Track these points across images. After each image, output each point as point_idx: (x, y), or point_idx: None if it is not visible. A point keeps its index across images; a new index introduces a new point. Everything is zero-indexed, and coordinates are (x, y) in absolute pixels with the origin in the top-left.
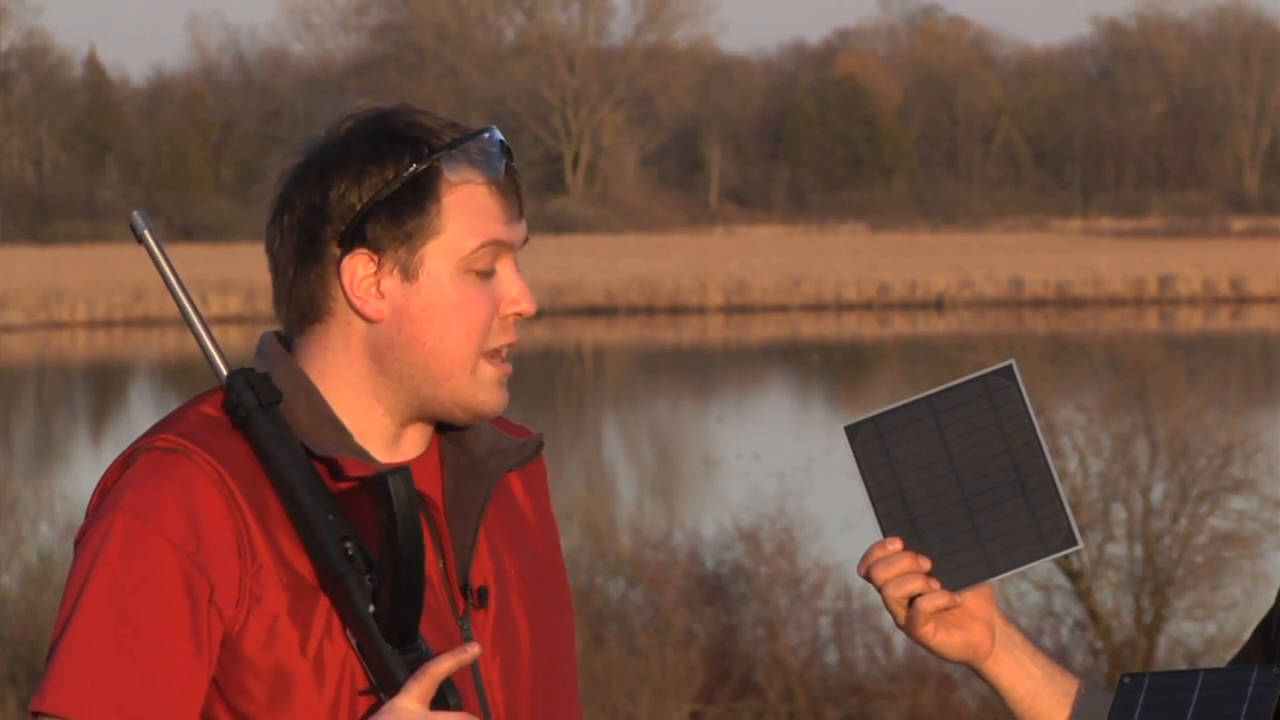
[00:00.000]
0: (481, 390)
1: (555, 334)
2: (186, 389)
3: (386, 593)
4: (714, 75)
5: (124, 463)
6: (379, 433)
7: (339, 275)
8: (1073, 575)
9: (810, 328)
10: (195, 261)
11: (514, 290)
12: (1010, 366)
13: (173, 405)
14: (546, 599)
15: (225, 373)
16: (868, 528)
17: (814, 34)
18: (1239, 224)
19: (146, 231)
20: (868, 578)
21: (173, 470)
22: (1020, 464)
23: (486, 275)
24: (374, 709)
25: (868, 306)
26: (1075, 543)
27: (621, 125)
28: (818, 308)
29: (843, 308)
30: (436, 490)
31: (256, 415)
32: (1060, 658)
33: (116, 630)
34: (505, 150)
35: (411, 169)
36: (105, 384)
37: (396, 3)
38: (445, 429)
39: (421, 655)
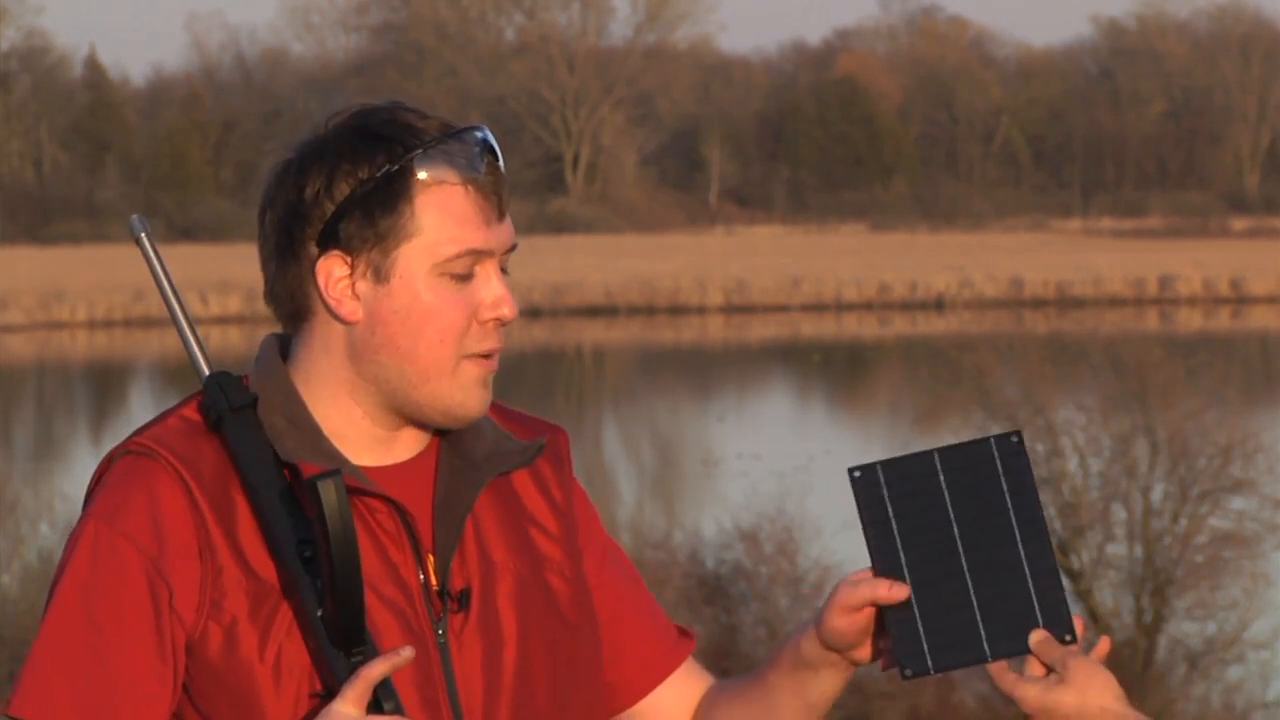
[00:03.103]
0: (459, 391)
1: (555, 334)
2: (186, 389)
3: (328, 596)
4: (714, 75)
5: (105, 465)
6: (360, 436)
7: (315, 276)
8: (1073, 575)
9: (810, 328)
10: (195, 261)
11: (493, 295)
12: (1020, 436)
13: (171, 405)
14: (546, 599)
15: (205, 375)
16: None
17: (814, 34)
18: (1239, 224)
19: (144, 234)
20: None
21: (142, 474)
22: (1025, 539)
23: (463, 279)
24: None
25: (868, 306)
26: (1074, 635)
27: (621, 125)
28: (818, 308)
29: (843, 308)
30: (427, 493)
31: (228, 418)
32: None
33: (84, 634)
34: (488, 150)
35: (385, 169)
36: (105, 384)
37: (396, 3)
38: (446, 431)
39: (368, 658)
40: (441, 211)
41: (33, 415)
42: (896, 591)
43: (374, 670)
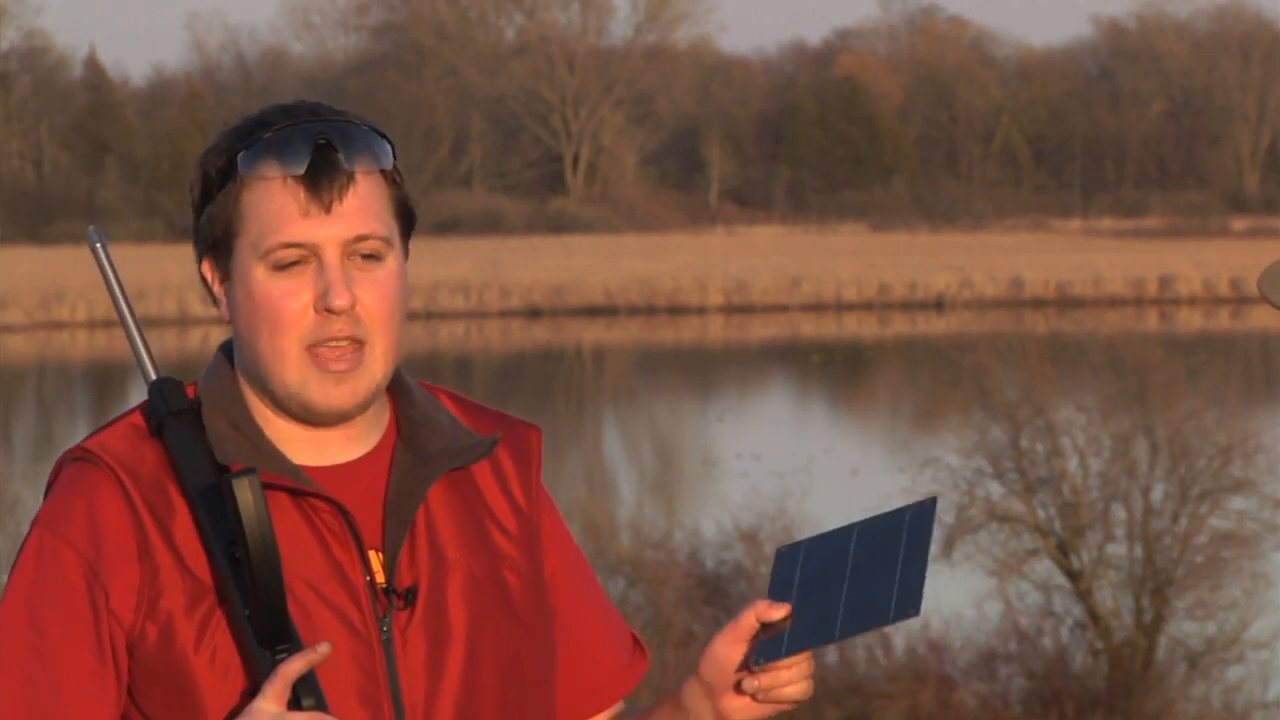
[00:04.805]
0: (302, 384)
1: (555, 334)
2: None
3: (251, 593)
4: (714, 75)
5: (57, 470)
6: (288, 436)
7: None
8: (1073, 575)
9: (810, 328)
10: (194, 261)
11: (323, 284)
12: (934, 501)
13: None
14: (499, 597)
15: (150, 380)
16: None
17: (814, 34)
18: (1239, 224)
19: (99, 245)
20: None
21: (84, 480)
22: (908, 545)
23: (291, 269)
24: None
25: (868, 306)
26: (916, 610)
27: (621, 125)
28: (818, 308)
29: (843, 308)
30: (379, 491)
31: (168, 422)
32: (1060, 658)
33: (27, 638)
34: (316, 143)
35: (218, 169)
36: (105, 384)
37: (396, 3)
38: (403, 429)
39: (292, 655)
40: (261, 206)
41: (33, 415)
42: (778, 608)
43: (291, 667)
